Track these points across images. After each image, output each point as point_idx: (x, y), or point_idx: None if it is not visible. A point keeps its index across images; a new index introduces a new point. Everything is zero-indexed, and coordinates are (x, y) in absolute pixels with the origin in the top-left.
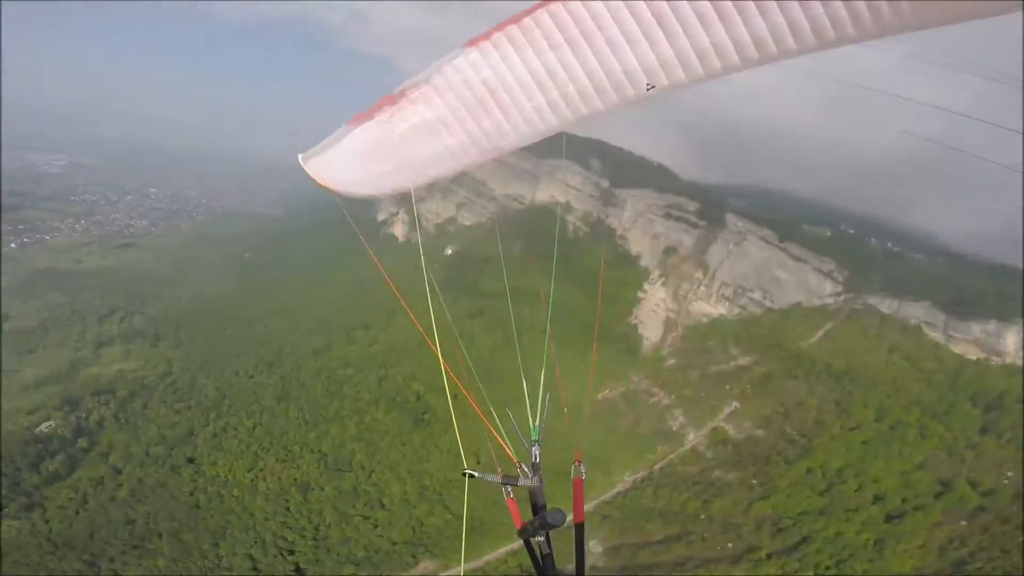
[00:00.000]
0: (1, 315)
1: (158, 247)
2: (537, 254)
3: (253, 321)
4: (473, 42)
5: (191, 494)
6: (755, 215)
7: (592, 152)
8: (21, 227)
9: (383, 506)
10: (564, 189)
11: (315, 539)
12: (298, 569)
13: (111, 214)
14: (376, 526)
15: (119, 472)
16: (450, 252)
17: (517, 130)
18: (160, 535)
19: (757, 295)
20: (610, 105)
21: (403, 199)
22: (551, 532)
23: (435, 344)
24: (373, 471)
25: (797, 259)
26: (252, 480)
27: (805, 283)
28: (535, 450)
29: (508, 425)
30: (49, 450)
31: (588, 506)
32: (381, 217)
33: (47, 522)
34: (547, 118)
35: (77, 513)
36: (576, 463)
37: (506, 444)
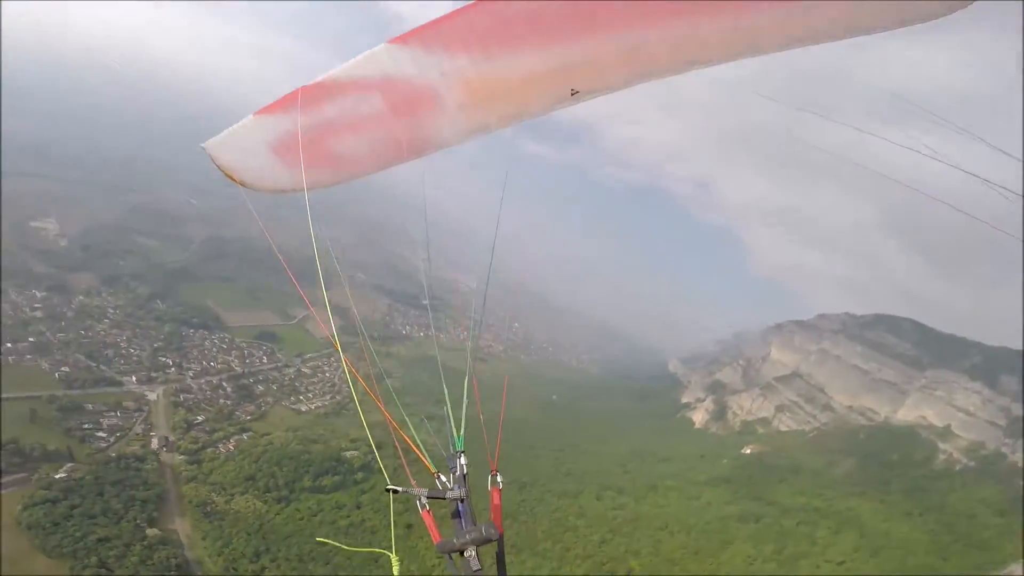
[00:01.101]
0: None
1: None
2: (866, 477)
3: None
4: (400, 38)
5: None
6: None
7: (1003, 366)
8: None
9: None
10: (946, 410)
11: None
12: None
13: None
14: None
15: None
16: (748, 451)
17: (442, 130)
18: None
19: None
20: (537, 106)
21: (715, 388)
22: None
23: None
24: None
25: None
26: None
27: None
28: (460, 461)
29: (427, 436)
30: None
31: None
32: (684, 399)
33: None
34: (474, 118)
35: None
36: (492, 472)
37: (422, 454)
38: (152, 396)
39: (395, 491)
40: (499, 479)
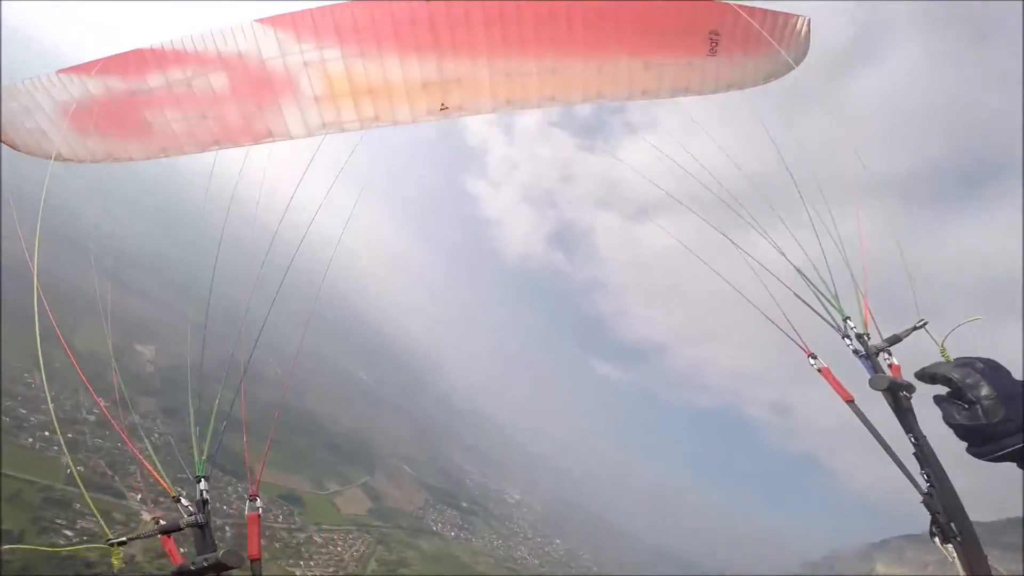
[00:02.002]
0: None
1: None
2: None
3: None
4: (271, 19)
5: None
6: None
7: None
8: None
9: None
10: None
11: None
12: None
13: None
14: None
15: None
16: None
17: (288, 120)
18: None
19: None
20: (402, 114)
21: None
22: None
23: None
24: None
25: None
26: None
27: None
28: (201, 487)
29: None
30: None
31: None
32: None
33: None
34: (329, 113)
35: None
36: (251, 498)
37: (162, 479)
38: (146, 516)
39: (122, 542)
40: (257, 504)
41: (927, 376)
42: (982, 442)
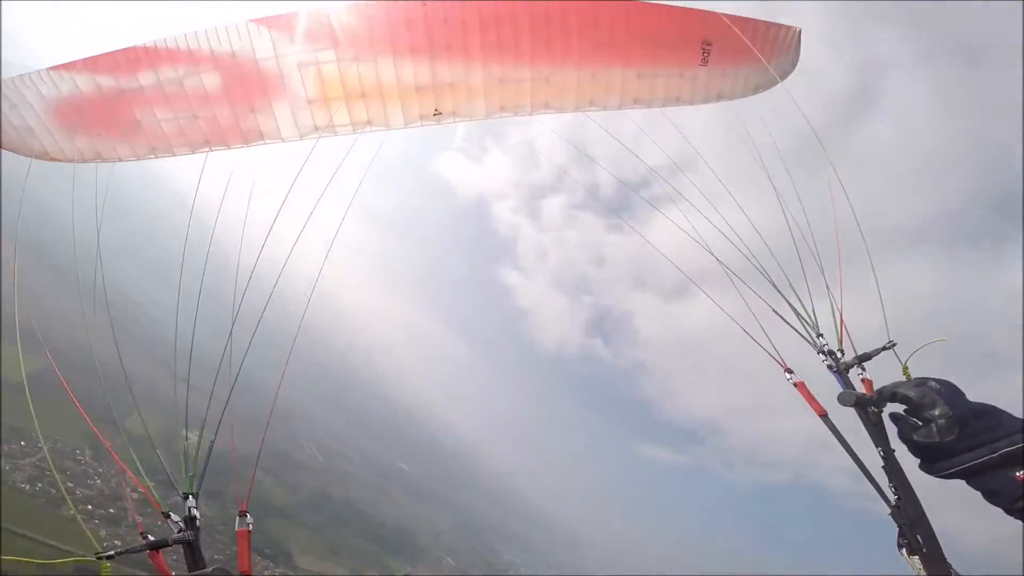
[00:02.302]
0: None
1: None
2: None
3: None
4: (266, 19)
5: None
6: None
7: None
8: None
9: None
10: None
11: None
12: None
13: None
14: None
15: None
16: None
17: (280, 122)
18: None
19: None
20: (394, 118)
21: None
22: None
23: None
24: None
25: None
26: None
27: None
28: (189, 503)
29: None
30: None
31: None
32: None
33: None
34: (321, 116)
35: None
36: (241, 513)
37: (153, 496)
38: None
39: (111, 556)
40: (248, 520)
41: (887, 394)
42: (935, 459)
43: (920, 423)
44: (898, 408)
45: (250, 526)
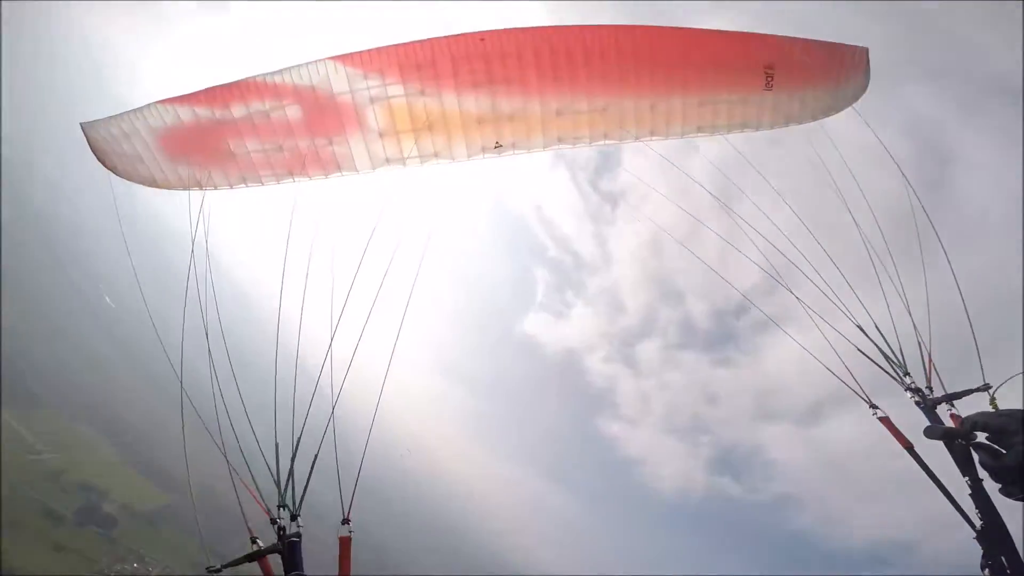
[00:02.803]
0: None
1: None
2: None
3: None
4: (341, 57)
5: None
6: None
7: None
8: None
9: None
10: None
11: None
12: None
13: None
14: None
15: None
16: None
17: (354, 154)
18: None
19: None
20: (459, 150)
21: None
22: None
23: None
24: None
25: None
26: None
27: None
28: (279, 514)
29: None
30: None
31: None
32: None
33: None
34: (391, 147)
35: None
36: (344, 522)
37: (260, 499)
38: None
39: (217, 569)
40: (349, 527)
41: (969, 423)
42: (1016, 483)
43: (1003, 450)
44: (982, 437)
45: (351, 533)
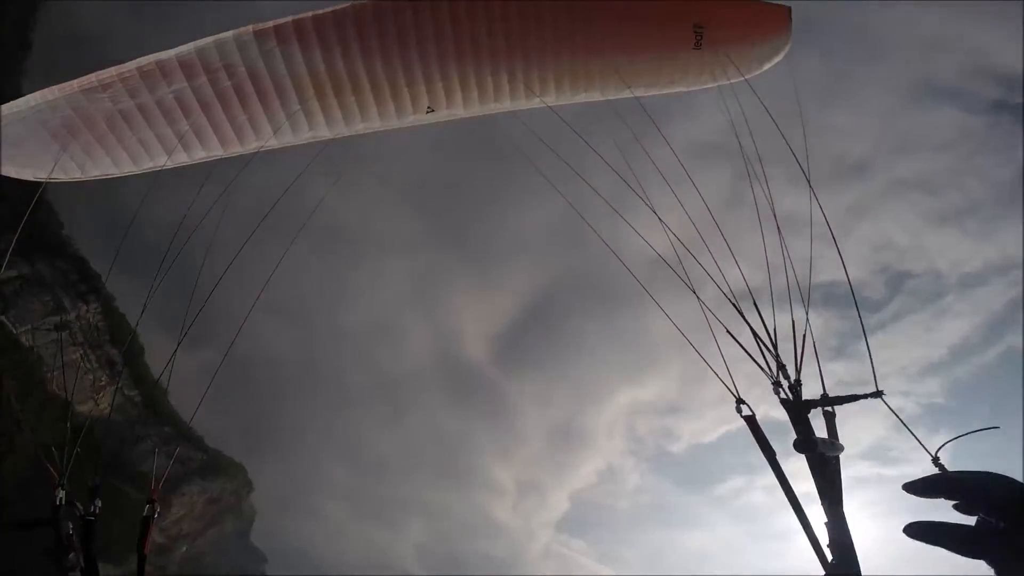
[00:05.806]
0: None
1: None
2: None
3: None
4: (257, 28)
5: None
6: None
7: None
8: None
9: None
10: None
11: None
12: None
13: None
14: None
15: None
16: None
17: (274, 127)
18: None
19: None
20: (389, 117)
21: None
22: None
23: None
24: None
25: None
26: None
27: None
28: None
29: None
30: None
31: None
32: None
33: None
34: (315, 119)
35: None
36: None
37: None
38: None
39: None
40: (156, 508)
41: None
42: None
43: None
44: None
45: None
